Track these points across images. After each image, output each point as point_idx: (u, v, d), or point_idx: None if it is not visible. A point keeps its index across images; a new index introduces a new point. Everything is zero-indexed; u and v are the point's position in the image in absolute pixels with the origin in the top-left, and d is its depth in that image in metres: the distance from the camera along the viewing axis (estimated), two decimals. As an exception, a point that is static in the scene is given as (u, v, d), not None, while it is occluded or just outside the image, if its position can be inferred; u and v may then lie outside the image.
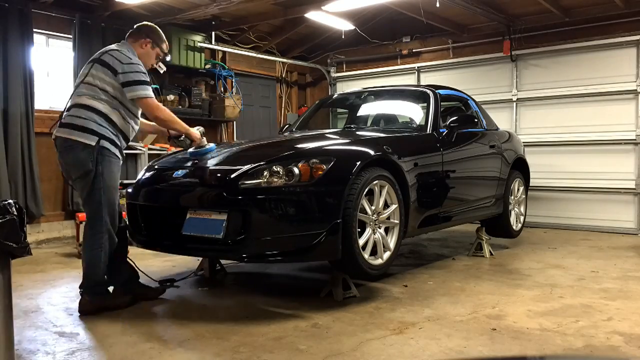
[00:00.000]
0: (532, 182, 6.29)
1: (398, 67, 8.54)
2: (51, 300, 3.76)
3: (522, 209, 5.84)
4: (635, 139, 6.65)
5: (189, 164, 3.75)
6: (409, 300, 3.62)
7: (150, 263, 4.92)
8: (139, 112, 3.60)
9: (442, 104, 4.91)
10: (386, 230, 3.69)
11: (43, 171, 6.03)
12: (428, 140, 4.42)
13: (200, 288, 4.07)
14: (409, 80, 8.41)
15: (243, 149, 4.00)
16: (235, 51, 7.93)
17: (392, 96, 5.48)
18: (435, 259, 5.04)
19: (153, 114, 3.53)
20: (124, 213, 3.80)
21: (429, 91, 4.89)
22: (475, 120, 4.97)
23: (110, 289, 3.53)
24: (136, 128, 3.63)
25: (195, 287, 4.09)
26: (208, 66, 7.57)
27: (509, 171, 5.44)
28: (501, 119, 7.01)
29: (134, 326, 3.14)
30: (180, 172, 3.63)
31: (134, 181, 4.05)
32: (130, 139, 3.62)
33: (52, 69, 6.37)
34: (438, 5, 6.00)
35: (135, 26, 3.74)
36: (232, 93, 7.82)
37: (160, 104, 3.62)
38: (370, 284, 4.00)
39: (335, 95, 6.42)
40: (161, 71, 3.91)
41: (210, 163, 3.70)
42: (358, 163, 3.42)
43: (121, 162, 3.54)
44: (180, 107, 7.11)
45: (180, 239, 3.43)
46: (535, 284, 4.08)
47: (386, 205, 3.67)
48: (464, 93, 5.62)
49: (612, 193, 6.82)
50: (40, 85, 6.11)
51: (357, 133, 4.68)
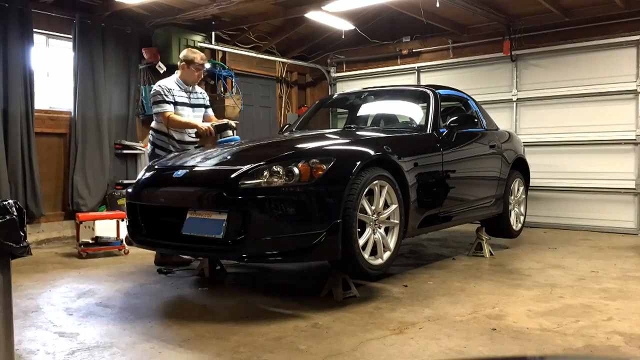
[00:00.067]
0: (532, 182, 6.29)
1: (398, 67, 8.54)
2: (51, 300, 3.76)
3: (522, 209, 5.84)
4: (635, 139, 6.65)
5: (189, 164, 3.76)
6: (409, 300, 3.62)
7: (150, 263, 4.93)
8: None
9: (442, 104, 4.91)
10: (386, 230, 3.69)
11: (43, 171, 6.03)
12: (428, 140, 4.42)
13: (200, 288, 4.07)
14: (409, 80, 8.41)
15: (243, 149, 4.00)
16: (235, 51, 7.93)
17: (392, 96, 5.48)
18: (435, 259, 5.04)
19: (165, 124, 4.59)
20: (123, 213, 3.85)
21: (429, 91, 4.89)
22: (475, 120, 4.97)
23: None
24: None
25: (195, 287, 4.09)
26: (208, 66, 7.56)
27: (509, 171, 5.44)
28: (501, 119, 7.01)
29: (134, 326, 3.14)
30: (180, 172, 3.63)
31: (134, 181, 4.06)
32: (178, 137, 4.65)
33: (52, 69, 6.37)
34: (438, 5, 6.00)
35: None
36: (232, 93, 7.82)
37: (169, 115, 4.53)
38: (370, 284, 4.00)
39: (335, 95, 6.42)
40: (161, 71, 3.97)
41: (210, 163, 3.71)
42: (358, 163, 3.42)
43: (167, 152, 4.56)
44: (180, 107, 7.11)
45: (180, 239, 3.43)
46: (535, 284, 4.08)
47: (386, 205, 3.67)
48: (464, 93, 5.62)
49: (612, 193, 6.82)
50: (40, 85, 6.11)
51: (357, 133, 4.68)
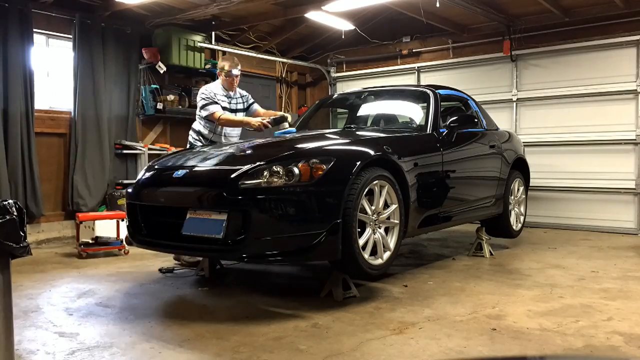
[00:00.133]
0: (532, 182, 6.29)
1: (398, 67, 8.54)
2: (51, 300, 3.76)
3: (522, 209, 5.84)
4: (635, 139, 6.65)
5: (189, 164, 3.76)
6: (409, 300, 3.62)
7: (150, 263, 4.93)
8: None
9: (442, 104, 4.91)
10: (386, 230, 3.69)
11: (43, 171, 6.03)
12: (428, 140, 4.41)
13: (200, 288, 4.07)
14: (409, 80, 8.40)
15: (243, 149, 4.00)
16: (235, 51, 7.93)
17: (392, 96, 5.48)
18: (435, 259, 5.04)
19: (217, 123, 4.88)
20: (123, 213, 3.84)
21: (429, 91, 4.89)
22: (475, 120, 4.97)
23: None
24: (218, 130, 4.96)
25: (195, 287, 4.09)
26: (208, 66, 7.56)
27: (509, 171, 5.44)
28: (501, 119, 7.01)
29: (134, 326, 3.14)
30: (180, 172, 3.63)
31: (134, 181, 4.05)
32: (211, 137, 4.95)
33: (52, 69, 6.37)
34: (438, 5, 6.00)
35: None
36: (232, 93, 7.81)
37: (219, 115, 4.81)
38: (370, 284, 4.00)
39: (335, 95, 6.42)
40: (161, 71, 3.96)
41: (210, 163, 3.71)
42: (358, 163, 3.42)
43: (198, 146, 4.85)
44: (180, 107, 7.10)
45: (180, 239, 3.43)
46: (535, 284, 4.08)
47: (386, 205, 3.67)
48: (464, 93, 5.62)
49: (612, 193, 6.82)
50: (40, 85, 6.11)
51: (357, 133, 4.68)
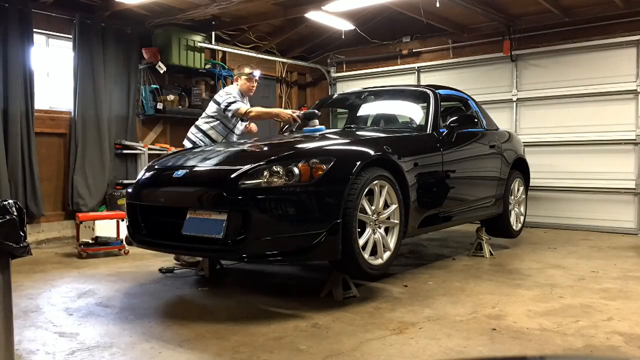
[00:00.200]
0: (532, 182, 6.29)
1: (398, 67, 8.54)
2: (51, 300, 3.76)
3: (522, 209, 5.84)
4: (635, 139, 6.65)
5: (189, 164, 3.76)
6: (409, 300, 3.62)
7: (150, 263, 4.93)
8: (236, 119, 4.98)
9: (442, 104, 4.91)
10: (386, 230, 3.69)
11: (43, 171, 6.03)
12: (428, 140, 4.42)
13: (200, 288, 4.07)
14: (409, 80, 8.40)
15: (243, 149, 4.00)
16: (235, 51, 7.93)
17: (392, 96, 5.48)
18: (435, 259, 5.04)
19: (246, 118, 4.91)
20: (123, 213, 3.83)
21: (429, 91, 4.89)
22: (475, 120, 4.97)
23: None
24: (232, 128, 4.99)
25: (195, 287, 4.09)
26: (208, 66, 7.56)
27: (509, 171, 5.44)
28: (501, 119, 7.01)
29: (134, 326, 3.14)
30: (180, 172, 3.63)
31: (134, 181, 4.05)
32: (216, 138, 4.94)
33: (52, 69, 6.37)
34: (438, 5, 6.00)
35: None
36: (232, 93, 7.81)
37: (247, 109, 4.81)
38: (370, 284, 4.00)
39: (335, 95, 6.42)
40: (161, 71, 3.96)
41: (210, 163, 3.71)
42: (358, 163, 3.42)
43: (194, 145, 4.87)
44: (180, 107, 7.10)
45: (180, 239, 3.43)
46: (535, 284, 4.08)
47: (386, 205, 3.67)
48: (464, 93, 5.62)
49: (612, 193, 6.82)
50: (40, 85, 6.10)
51: (357, 133, 4.68)
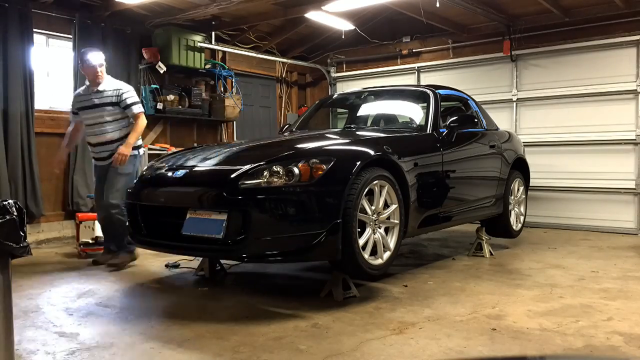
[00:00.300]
0: (532, 182, 6.29)
1: (398, 67, 8.54)
2: (51, 300, 3.76)
3: (522, 209, 5.84)
4: (635, 139, 6.65)
5: (189, 163, 3.76)
6: (409, 300, 3.62)
7: (150, 263, 4.93)
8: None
9: (442, 104, 4.91)
10: (386, 230, 3.69)
11: (43, 171, 6.03)
12: (428, 140, 4.42)
13: (200, 288, 4.07)
14: (409, 80, 8.40)
15: (243, 149, 4.00)
16: (235, 51, 7.93)
17: (392, 96, 5.48)
18: (435, 259, 5.04)
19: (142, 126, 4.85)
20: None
21: (429, 91, 4.89)
22: (475, 120, 4.97)
23: None
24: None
25: (195, 287, 4.09)
26: (208, 66, 7.56)
27: (509, 171, 5.44)
28: (501, 119, 7.01)
29: (134, 326, 3.14)
30: (180, 172, 3.63)
31: (134, 181, 4.06)
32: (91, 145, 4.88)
33: (52, 69, 6.37)
34: (438, 5, 6.00)
35: None
36: (232, 93, 7.82)
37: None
38: (370, 284, 4.00)
39: (335, 95, 6.42)
40: (161, 71, 3.95)
41: (210, 163, 3.71)
42: (358, 163, 3.42)
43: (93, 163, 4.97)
44: (180, 107, 7.11)
45: (180, 239, 3.43)
46: (535, 284, 4.08)
47: (386, 205, 3.67)
48: (464, 93, 5.62)
49: (612, 193, 6.82)
50: (40, 85, 6.10)
51: (357, 133, 4.68)
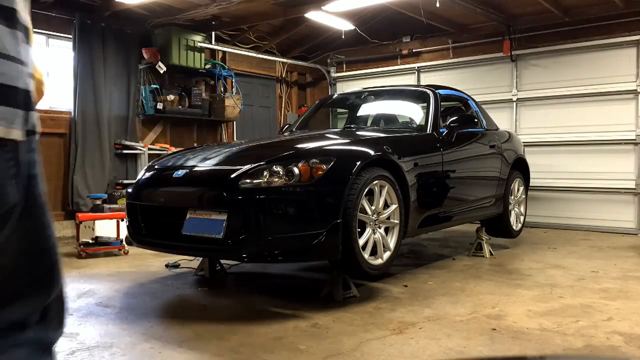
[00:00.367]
0: (532, 182, 6.29)
1: (398, 67, 8.55)
2: (51, 300, 3.75)
3: (522, 209, 5.84)
4: (635, 139, 6.65)
5: (189, 164, 3.76)
6: (409, 300, 3.62)
7: (150, 263, 4.93)
8: None
9: (442, 104, 4.92)
10: (386, 230, 3.69)
11: (43, 171, 6.02)
12: (428, 140, 4.42)
13: (200, 288, 4.07)
14: (409, 80, 8.41)
15: (243, 149, 4.00)
16: (235, 51, 7.93)
17: (392, 96, 5.48)
18: (435, 259, 5.04)
19: None
20: (123, 213, 3.83)
21: (429, 91, 4.89)
22: (475, 120, 4.98)
23: None
24: None
25: (195, 287, 4.09)
26: (208, 66, 7.57)
27: (509, 171, 5.44)
28: (501, 119, 7.01)
29: (134, 326, 3.14)
30: (180, 172, 3.63)
31: (134, 181, 4.06)
32: None
33: (52, 69, 6.37)
34: (438, 5, 6.00)
35: None
36: (232, 93, 7.82)
37: None
38: (370, 284, 4.00)
39: (335, 95, 6.42)
40: (161, 71, 3.94)
41: (210, 163, 3.71)
42: (358, 163, 3.41)
43: None
44: (180, 107, 7.11)
45: (180, 239, 3.43)
46: (535, 284, 4.08)
47: (386, 205, 3.67)
48: (464, 93, 5.62)
49: (612, 193, 6.82)
50: (40, 85, 6.10)
51: (357, 133, 4.68)
